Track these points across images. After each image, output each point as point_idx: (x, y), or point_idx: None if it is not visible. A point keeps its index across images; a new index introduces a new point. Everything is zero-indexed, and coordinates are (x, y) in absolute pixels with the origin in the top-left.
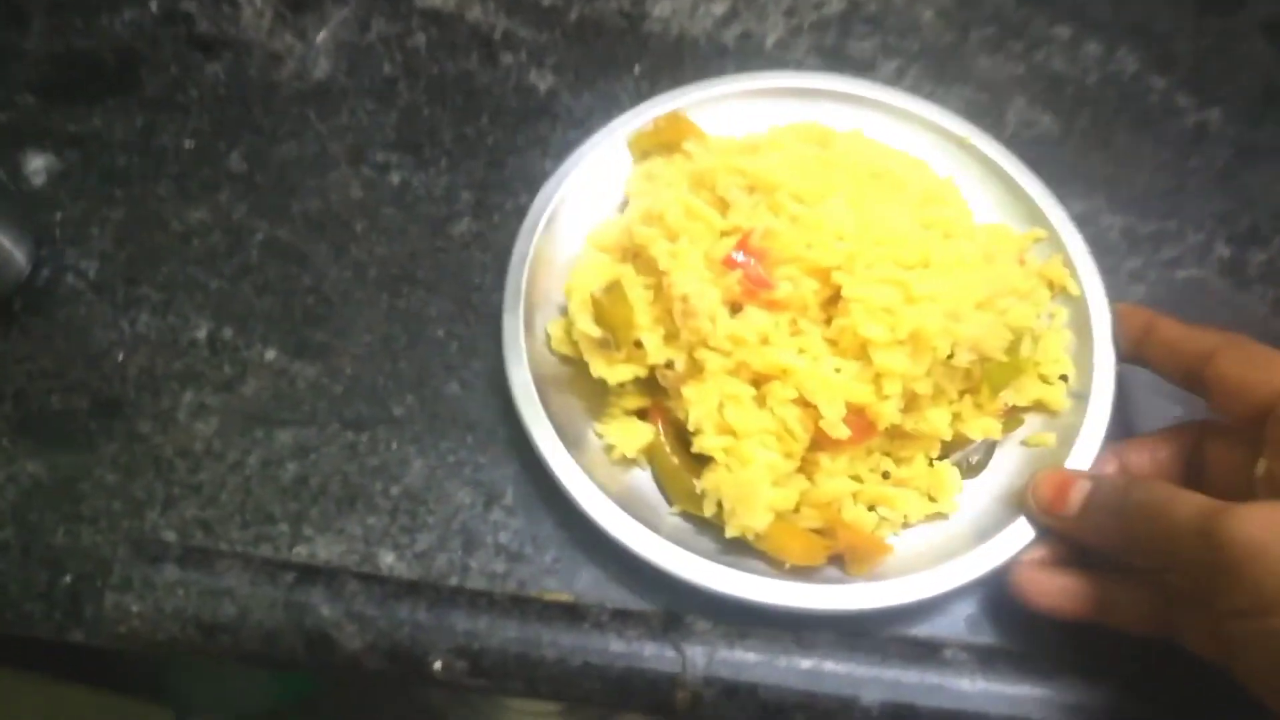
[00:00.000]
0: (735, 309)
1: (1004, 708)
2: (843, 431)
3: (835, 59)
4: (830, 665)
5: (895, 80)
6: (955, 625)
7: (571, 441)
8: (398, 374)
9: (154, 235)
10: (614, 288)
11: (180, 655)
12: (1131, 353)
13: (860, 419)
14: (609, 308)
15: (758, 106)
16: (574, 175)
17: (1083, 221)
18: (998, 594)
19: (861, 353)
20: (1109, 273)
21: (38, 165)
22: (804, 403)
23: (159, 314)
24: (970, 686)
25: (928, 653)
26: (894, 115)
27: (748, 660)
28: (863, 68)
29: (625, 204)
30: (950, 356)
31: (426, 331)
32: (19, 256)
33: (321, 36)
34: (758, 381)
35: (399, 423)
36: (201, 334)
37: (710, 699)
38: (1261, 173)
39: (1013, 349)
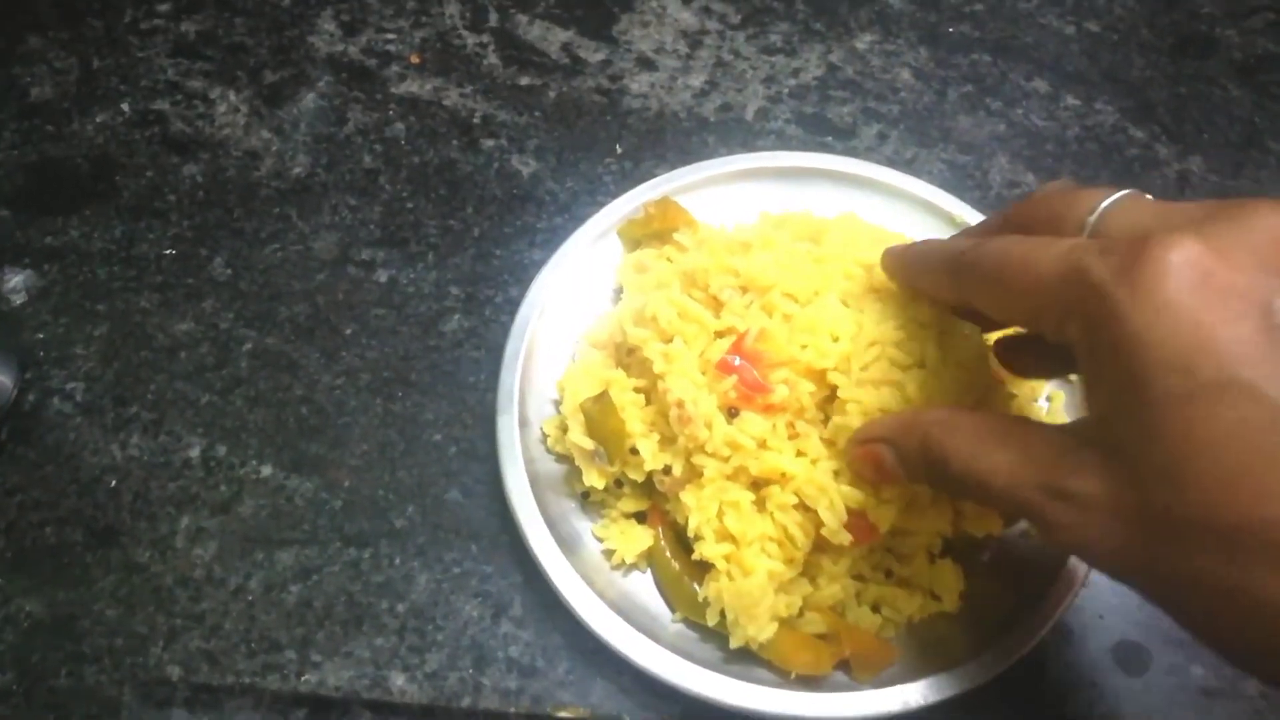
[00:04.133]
0: (732, 413)
1: None
2: (844, 538)
3: (816, 126)
4: None
5: (878, 145)
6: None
7: (569, 546)
8: (397, 484)
9: (140, 351)
10: (603, 398)
11: None
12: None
13: (861, 522)
14: (599, 419)
15: (748, 189)
16: (563, 267)
17: None
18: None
19: None
20: None
21: (16, 283)
22: (804, 507)
23: (150, 434)
24: None
25: None
26: (886, 193)
27: None
28: (844, 134)
29: (619, 291)
30: None
31: (424, 436)
32: (4, 381)
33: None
34: (757, 485)
35: (401, 535)
36: (195, 453)
37: None
38: None
39: None
